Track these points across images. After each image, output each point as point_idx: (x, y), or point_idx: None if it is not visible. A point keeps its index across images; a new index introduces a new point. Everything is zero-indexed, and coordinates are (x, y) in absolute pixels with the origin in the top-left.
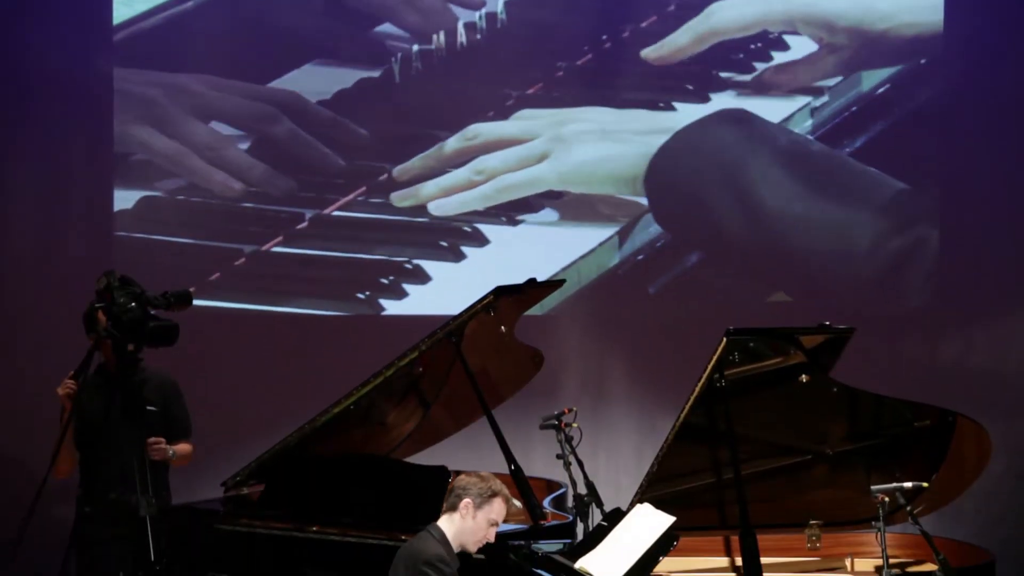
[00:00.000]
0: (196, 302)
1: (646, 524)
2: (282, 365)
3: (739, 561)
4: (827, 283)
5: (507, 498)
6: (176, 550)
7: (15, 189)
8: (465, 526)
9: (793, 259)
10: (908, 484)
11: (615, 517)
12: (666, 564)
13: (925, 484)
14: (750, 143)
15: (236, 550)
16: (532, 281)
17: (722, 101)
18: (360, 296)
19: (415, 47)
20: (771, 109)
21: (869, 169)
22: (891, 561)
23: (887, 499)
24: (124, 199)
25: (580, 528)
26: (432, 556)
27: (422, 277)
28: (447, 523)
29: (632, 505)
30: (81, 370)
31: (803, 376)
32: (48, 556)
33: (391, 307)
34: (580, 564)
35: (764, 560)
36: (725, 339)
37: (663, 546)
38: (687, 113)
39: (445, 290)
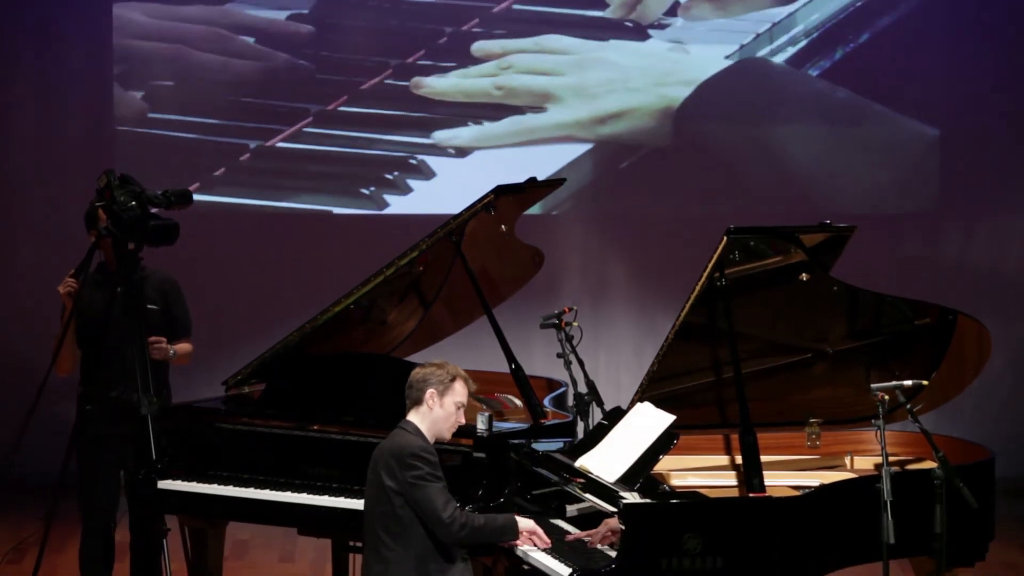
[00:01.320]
0: (199, 198)
1: (646, 423)
2: (283, 264)
3: (739, 459)
4: (827, 183)
5: (466, 379)
6: (177, 449)
7: (14, 87)
8: (435, 415)
9: (793, 165)
10: (908, 382)
11: (615, 416)
12: (666, 462)
13: (925, 382)
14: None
15: (237, 449)
16: (532, 180)
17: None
18: (364, 192)
19: None
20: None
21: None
22: (890, 459)
23: (887, 397)
24: (125, 95)
25: (580, 427)
26: (417, 448)
27: (427, 173)
28: (417, 417)
29: (632, 404)
30: (82, 268)
31: (803, 275)
32: (49, 454)
33: (395, 203)
34: (580, 463)
35: (764, 458)
36: (726, 238)
37: (663, 444)
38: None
39: (449, 187)
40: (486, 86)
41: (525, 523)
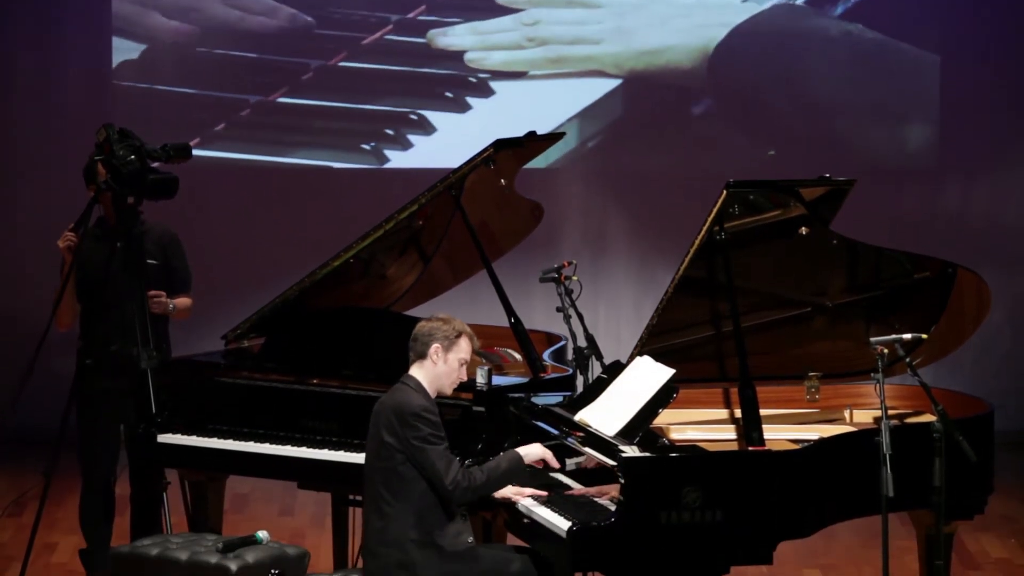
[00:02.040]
0: (199, 153)
1: (646, 376)
2: (283, 218)
3: (738, 413)
4: (827, 137)
5: (471, 335)
6: (176, 403)
7: (13, 40)
8: (438, 371)
9: (792, 113)
10: (907, 336)
11: (615, 369)
12: (665, 416)
13: (924, 336)
14: None
15: (236, 403)
16: (532, 134)
17: None
18: (365, 147)
19: None
20: None
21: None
22: (890, 412)
23: (886, 351)
24: (125, 51)
25: (580, 381)
26: (417, 407)
27: (427, 128)
28: (420, 371)
29: (632, 357)
30: (81, 222)
31: (803, 228)
32: (49, 408)
33: (396, 159)
34: (580, 416)
35: (763, 411)
36: (725, 191)
37: (663, 398)
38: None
39: (449, 142)
40: (516, 39)
41: (531, 453)
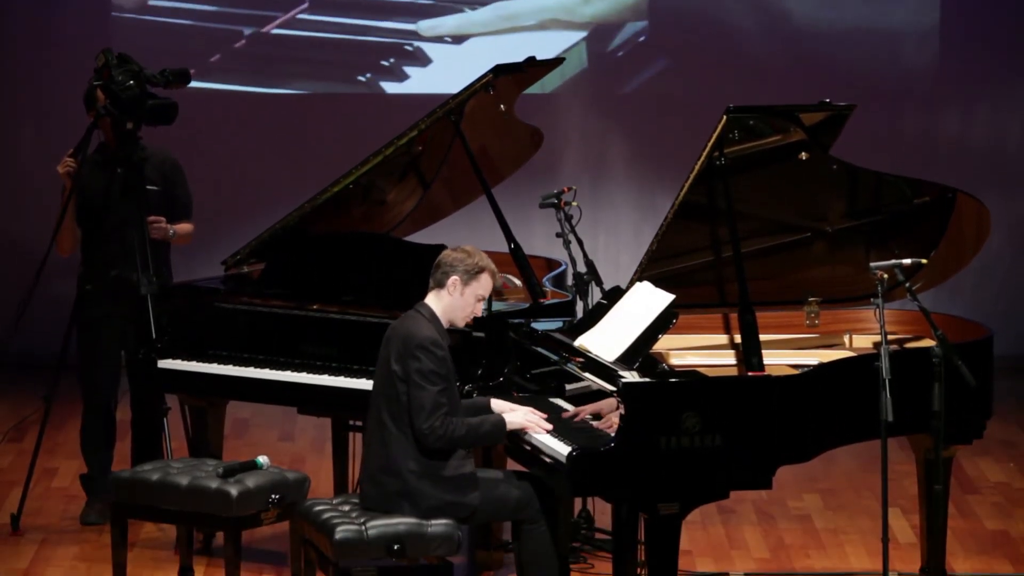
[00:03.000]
0: (196, 84)
1: (645, 302)
2: (282, 145)
3: (738, 338)
4: (827, 60)
5: (494, 272)
6: (177, 328)
7: None
8: (453, 303)
9: (793, 36)
10: (907, 260)
11: (614, 295)
12: (665, 342)
13: (924, 261)
14: None
15: (236, 328)
16: (531, 59)
17: None
18: (361, 79)
19: None
20: None
21: None
22: (889, 337)
23: (886, 276)
24: None
25: (579, 306)
26: (425, 339)
27: (423, 60)
28: (435, 300)
29: (631, 283)
30: (80, 148)
31: (803, 153)
32: (49, 334)
33: (391, 91)
34: (579, 342)
35: (763, 337)
36: (725, 116)
37: (662, 324)
38: None
39: (446, 73)
40: None
41: (515, 422)
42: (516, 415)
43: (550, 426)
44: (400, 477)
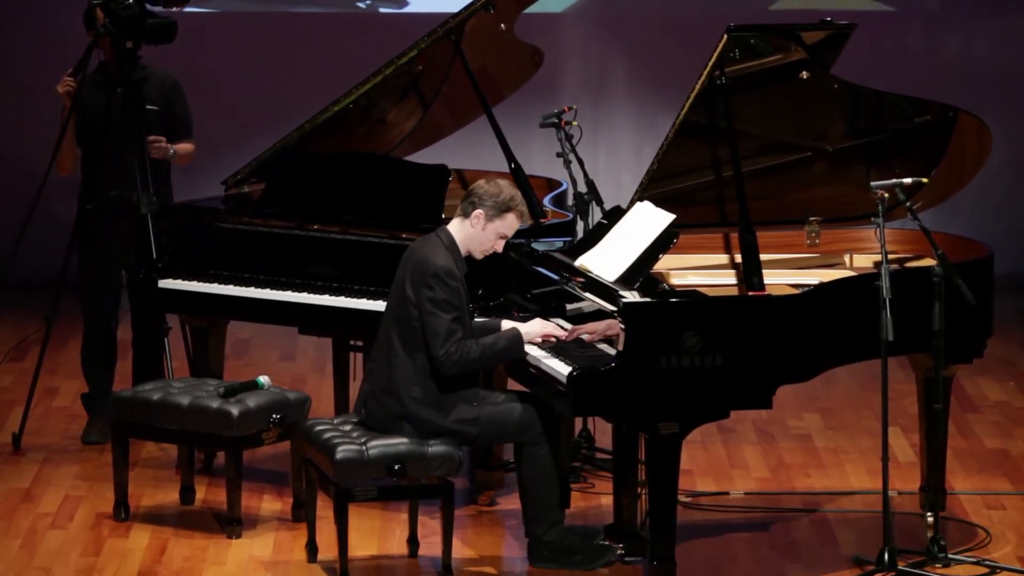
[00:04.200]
0: (197, 7)
1: (646, 222)
2: (282, 64)
3: (739, 258)
4: None
5: (522, 214)
6: (178, 248)
7: None
8: (474, 235)
9: None
10: (908, 179)
11: (615, 215)
12: (666, 261)
13: (925, 180)
14: None
15: (237, 248)
16: None
17: None
18: (360, 5)
19: None
20: None
21: None
22: (890, 256)
23: (886, 195)
24: None
25: (580, 226)
26: (439, 269)
27: None
28: (457, 228)
29: (632, 203)
30: (80, 67)
31: (804, 73)
32: (50, 254)
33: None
34: (580, 262)
35: (763, 256)
36: (726, 36)
37: (663, 243)
38: None
39: None
40: None
41: (532, 331)
42: (532, 326)
43: (564, 333)
44: (401, 402)
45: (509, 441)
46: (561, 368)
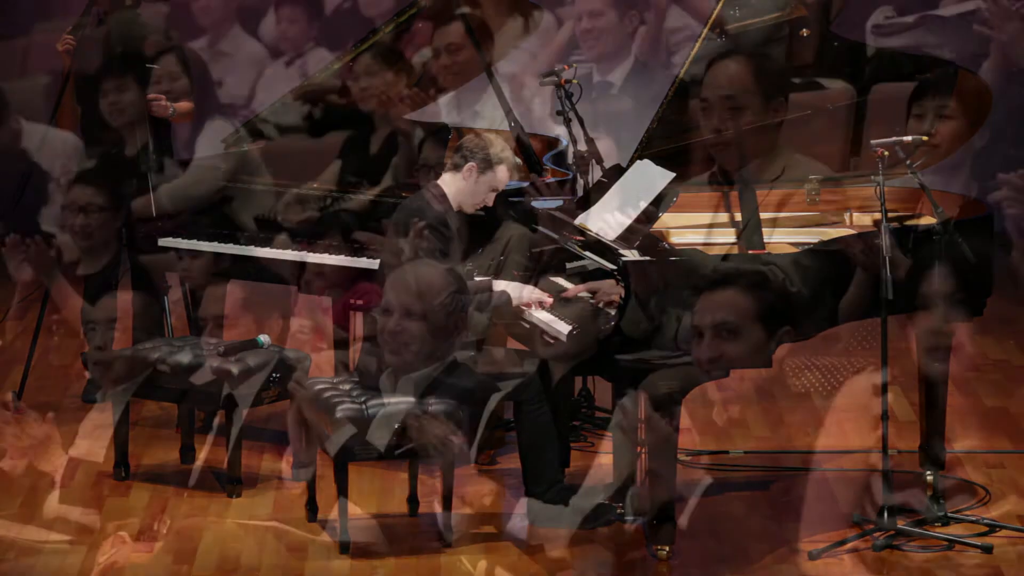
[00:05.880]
0: None
1: (646, 180)
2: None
3: (738, 216)
4: None
5: (512, 166)
6: (177, 206)
7: None
8: (466, 188)
9: None
10: (908, 137)
11: (615, 173)
12: (665, 220)
13: (925, 137)
14: None
15: (237, 206)
16: None
17: None
18: None
19: None
20: None
21: None
22: (889, 215)
23: (886, 153)
24: None
25: (580, 185)
26: (431, 219)
27: None
28: (449, 181)
29: (632, 161)
30: (79, 26)
31: (804, 30)
32: (50, 211)
33: None
34: (580, 220)
35: (763, 215)
36: None
37: (663, 202)
38: None
39: None
40: None
41: (522, 296)
42: (522, 291)
43: (551, 301)
44: (398, 355)
45: (508, 400)
46: (560, 327)
